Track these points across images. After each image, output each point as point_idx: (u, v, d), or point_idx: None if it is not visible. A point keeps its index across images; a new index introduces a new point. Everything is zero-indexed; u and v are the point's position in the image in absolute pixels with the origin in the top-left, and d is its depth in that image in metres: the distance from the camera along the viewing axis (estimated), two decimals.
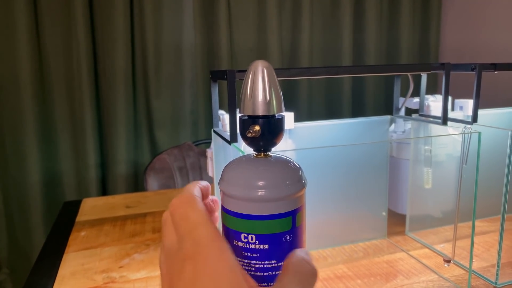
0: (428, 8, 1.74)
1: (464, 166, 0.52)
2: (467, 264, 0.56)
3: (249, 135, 0.29)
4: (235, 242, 0.28)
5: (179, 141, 1.53)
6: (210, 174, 0.61)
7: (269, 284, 0.28)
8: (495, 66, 0.53)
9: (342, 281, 0.55)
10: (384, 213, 0.67)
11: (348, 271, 0.57)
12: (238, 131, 0.46)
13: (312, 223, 0.65)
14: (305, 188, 0.29)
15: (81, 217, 0.80)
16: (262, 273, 0.28)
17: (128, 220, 0.78)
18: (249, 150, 0.32)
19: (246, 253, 0.28)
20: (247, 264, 0.28)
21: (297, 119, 0.57)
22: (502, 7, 1.34)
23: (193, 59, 1.52)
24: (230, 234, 0.29)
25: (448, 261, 0.55)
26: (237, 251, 0.28)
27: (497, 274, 0.52)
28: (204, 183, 0.32)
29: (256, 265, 0.28)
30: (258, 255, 0.28)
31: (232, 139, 0.45)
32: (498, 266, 0.52)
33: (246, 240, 0.28)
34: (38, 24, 1.33)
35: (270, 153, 0.30)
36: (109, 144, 1.45)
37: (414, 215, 0.69)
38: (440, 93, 0.70)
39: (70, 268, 0.59)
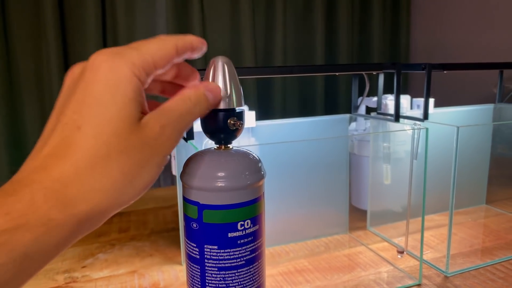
0: (398, 11, 1.79)
1: (415, 161, 0.54)
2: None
3: (233, 127, 0.30)
4: (230, 235, 0.29)
5: None
6: (173, 172, 0.62)
7: (259, 261, 0.31)
8: (443, 66, 0.56)
9: (301, 274, 0.56)
10: (345, 209, 0.69)
11: (309, 265, 0.59)
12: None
13: (275, 219, 0.67)
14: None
15: None
16: (255, 254, 0.31)
17: None
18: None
19: (242, 241, 0.30)
20: (243, 251, 0.30)
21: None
22: (468, 9, 1.40)
23: None
24: (220, 230, 0.29)
25: (401, 252, 0.57)
26: (232, 243, 0.30)
27: (447, 264, 0.55)
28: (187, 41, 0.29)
29: (251, 248, 0.30)
30: (252, 238, 0.30)
31: (188, 136, 0.46)
32: (448, 256, 0.54)
33: (242, 228, 0.30)
34: (6, 25, 1.30)
35: (230, 146, 0.32)
36: None
37: (375, 211, 0.71)
38: (408, 93, 0.73)
39: None
